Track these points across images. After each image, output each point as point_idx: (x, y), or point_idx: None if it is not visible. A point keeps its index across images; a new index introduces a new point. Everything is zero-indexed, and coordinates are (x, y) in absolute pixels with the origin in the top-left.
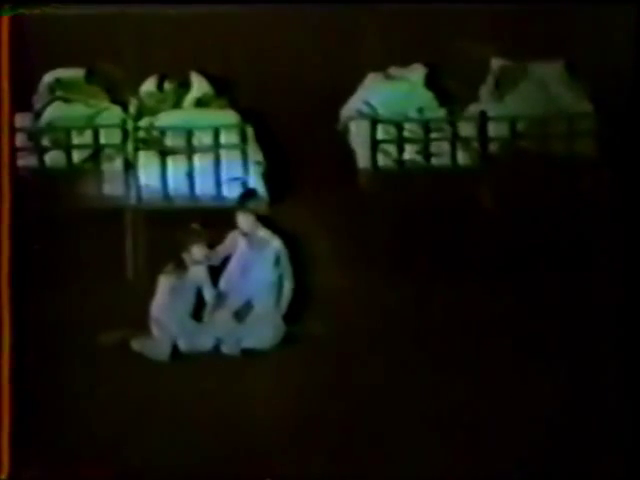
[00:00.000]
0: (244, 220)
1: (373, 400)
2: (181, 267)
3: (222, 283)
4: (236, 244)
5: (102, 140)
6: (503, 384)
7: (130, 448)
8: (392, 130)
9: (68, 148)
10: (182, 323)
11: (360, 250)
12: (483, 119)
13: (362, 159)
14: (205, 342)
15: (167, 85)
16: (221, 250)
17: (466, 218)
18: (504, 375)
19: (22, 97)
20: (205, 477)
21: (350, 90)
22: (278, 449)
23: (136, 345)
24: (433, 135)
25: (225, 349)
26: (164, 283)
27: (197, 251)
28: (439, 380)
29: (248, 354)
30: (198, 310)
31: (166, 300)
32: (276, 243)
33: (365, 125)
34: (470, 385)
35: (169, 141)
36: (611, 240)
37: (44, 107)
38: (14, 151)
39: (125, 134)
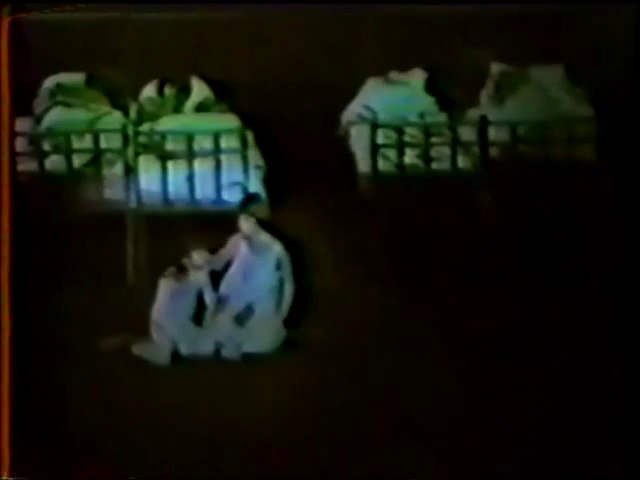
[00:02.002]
0: (245, 224)
1: (374, 404)
2: (182, 271)
3: (223, 287)
4: (237, 248)
5: (102, 145)
6: (503, 387)
7: (130, 450)
8: (392, 134)
9: (68, 153)
10: (183, 327)
11: (361, 254)
12: (483, 124)
13: (362, 163)
14: (206, 346)
15: (167, 90)
16: (222, 254)
17: (466, 222)
18: (504, 378)
19: (23, 102)
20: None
21: (350, 95)
22: (279, 453)
23: (137, 349)
24: (433, 139)
25: (226, 353)
26: (165, 287)
27: (198, 256)
28: (439, 383)
29: (249, 358)
30: (199, 314)
31: (167, 304)
32: (277, 247)
33: (365, 129)
34: (470, 388)
35: (170, 146)
36: (611, 244)
37: (45, 112)
38: (14, 156)
39: (126, 139)
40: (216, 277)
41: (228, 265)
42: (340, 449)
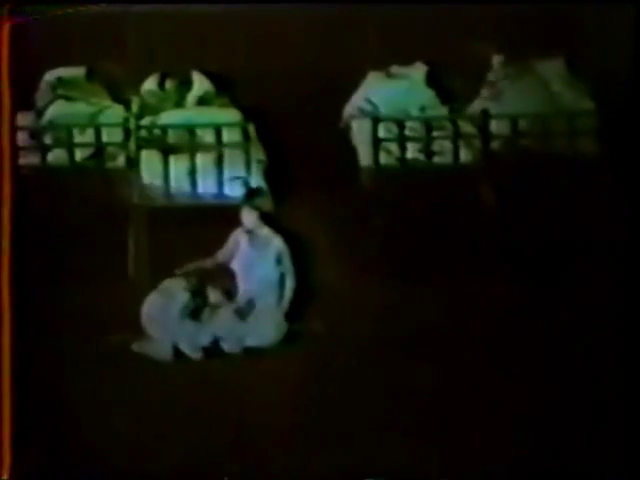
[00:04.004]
0: (248, 216)
1: (374, 397)
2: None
3: (224, 283)
4: (238, 245)
5: (104, 138)
6: (503, 382)
7: (131, 447)
8: (394, 128)
9: (70, 146)
10: (183, 323)
11: (362, 248)
12: (485, 117)
13: (364, 157)
14: (207, 341)
15: (168, 84)
16: (224, 252)
17: (468, 216)
18: (504, 373)
19: (24, 96)
20: (207, 474)
21: (352, 88)
22: (280, 445)
23: (138, 347)
24: (435, 133)
25: (227, 347)
26: (166, 285)
27: (214, 295)
28: (440, 377)
29: (250, 352)
30: (199, 310)
31: (165, 301)
32: (278, 242)
33: (367, 123)
34: (471, 382)
35: (171, 139)
36: (611, 236)
37: (46, 106)
38: (16, 149)
39: (127, 133)
40: (217, 272)
41: (229, 260)
42: (340, 440)
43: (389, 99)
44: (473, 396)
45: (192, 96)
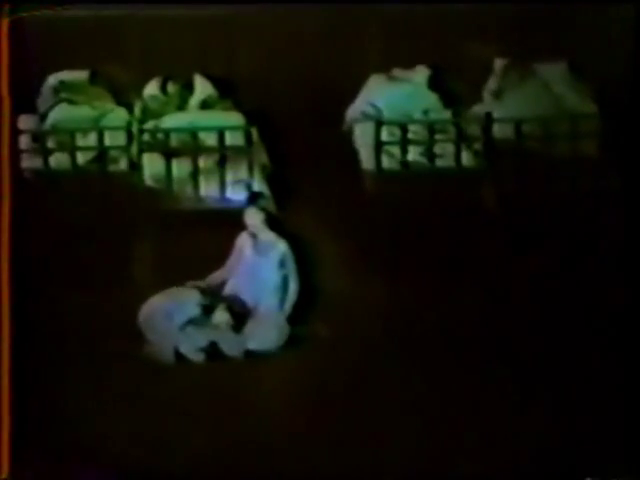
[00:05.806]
0: (253, 217)
1: (377, 400)
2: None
3: (228, 286)
4: (241, 249)
5: (107, 142)
6: (508, 383)
7: (131, 448)
8: (396, 132)
9: (73, 150)
10: (185, 329)
11: (365, 251)
12: (487, 120)
13: (366, 160)
14: (209, 344)
15: (171, 87)
16: (231, 263)
17: (470, 219)
18: (509, 374)
19: (26, 99)
20: (209, 477)
21: (354, 92)
22: (282, 448)
23: (140, 349)
24: (437, 136)
25: (229, 351)
26: (175, 294)
27: (222, 314)
28: (443, 381)
29: (252, 356)
30: (203, 313)
31: (172, 309)
32: (281, 245)
33: (369, 127)
34: (474, 385)
35: (174, 143)
36: (613, 238)
37: (49, 109)
38: (18, 153)
39: (130, 136)
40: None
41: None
42: (343, 444)
43: (392, 102)
44: (478, 398)
45: (195, 99)
